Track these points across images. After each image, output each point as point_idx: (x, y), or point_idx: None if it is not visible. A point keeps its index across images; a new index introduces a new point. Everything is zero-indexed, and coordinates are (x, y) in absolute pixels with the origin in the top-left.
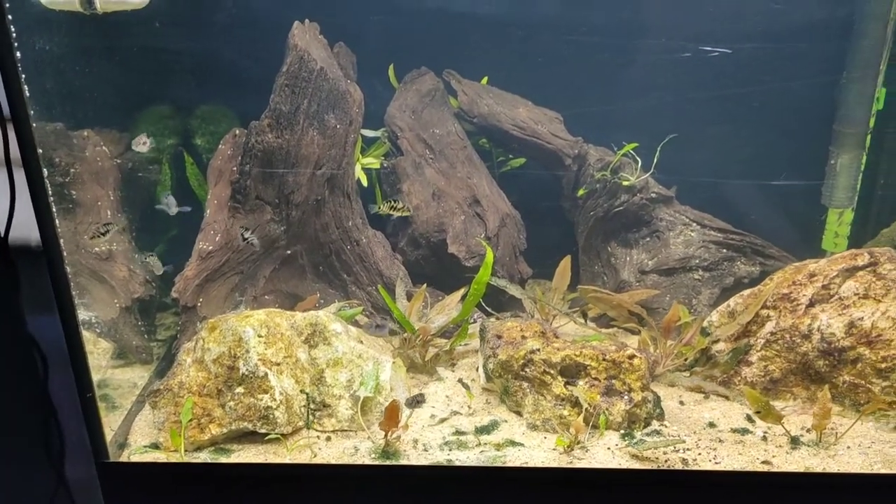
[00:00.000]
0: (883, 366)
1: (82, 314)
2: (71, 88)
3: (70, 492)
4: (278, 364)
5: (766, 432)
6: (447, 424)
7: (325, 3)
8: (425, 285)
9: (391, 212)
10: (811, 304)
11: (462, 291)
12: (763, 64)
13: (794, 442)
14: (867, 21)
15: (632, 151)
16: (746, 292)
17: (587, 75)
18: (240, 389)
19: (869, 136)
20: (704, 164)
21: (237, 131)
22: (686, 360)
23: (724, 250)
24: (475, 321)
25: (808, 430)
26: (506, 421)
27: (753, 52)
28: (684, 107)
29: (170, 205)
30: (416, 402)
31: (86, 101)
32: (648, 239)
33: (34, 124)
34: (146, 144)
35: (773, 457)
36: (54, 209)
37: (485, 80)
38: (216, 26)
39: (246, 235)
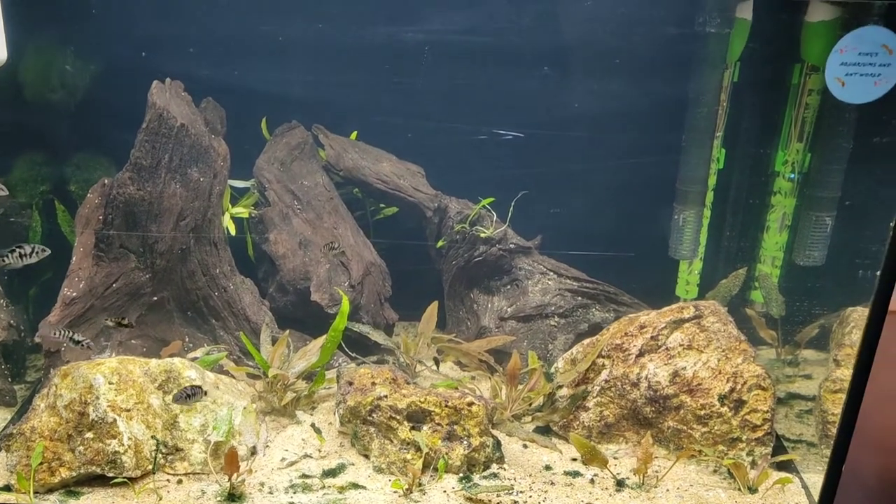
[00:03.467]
0: (702, 413)
1: None
2: None
3: None
4: (128, 410)
5: (595, 475)
6: (296, 468)
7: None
8: (288, 331)
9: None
10: (641, 354)
11: (325, 337)
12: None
13: (620, 484)
14: (704, 92)
15: (488, 206)
16: (587, 341)
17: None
18: (89, 434)
19: (712, 194)
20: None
21: (106, 180)
22: (531, 404)
23: (579, 298)
24: (339, 365)
25: (634, 473)
26: (353, 464)
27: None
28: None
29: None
30: (187, 395)
31: None
32: (508, 287)
33: None
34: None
35: (597, 499)
36: None
37: (354, 134)
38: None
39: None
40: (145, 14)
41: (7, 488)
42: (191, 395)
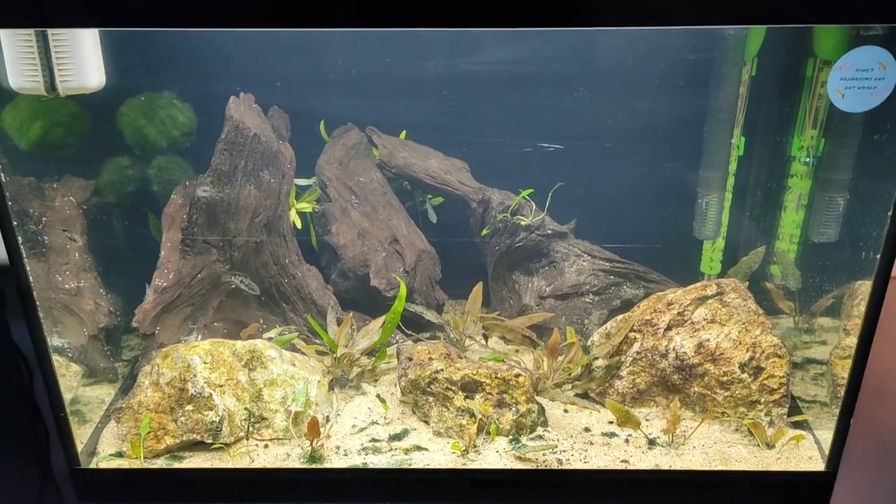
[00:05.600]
0: (724, 379)
1: (56, 341)
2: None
3: (56, 482)
4: (221, 385)
5: (629, 435)
6: (365, 433)
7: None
8: (352, 312)
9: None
10: (668, 328)
11: (384, 318)
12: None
13: (651, 443)
14: (724, 88)
15: (527, 197)
16: (619, 317)
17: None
18: (189, 407)
19: (732, 178)
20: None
21: (187, 182)
22: (570, 374)
23: (612, 277)
24: (397, 342)
25: (664, 433)
26: (415, 429)
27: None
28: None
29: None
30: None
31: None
32: (546, 268)
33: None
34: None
35: (631, 456)
36: (24, 257)
37: (403, 134)
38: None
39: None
40: (242, 57)
41: (119, 454)
42: None
